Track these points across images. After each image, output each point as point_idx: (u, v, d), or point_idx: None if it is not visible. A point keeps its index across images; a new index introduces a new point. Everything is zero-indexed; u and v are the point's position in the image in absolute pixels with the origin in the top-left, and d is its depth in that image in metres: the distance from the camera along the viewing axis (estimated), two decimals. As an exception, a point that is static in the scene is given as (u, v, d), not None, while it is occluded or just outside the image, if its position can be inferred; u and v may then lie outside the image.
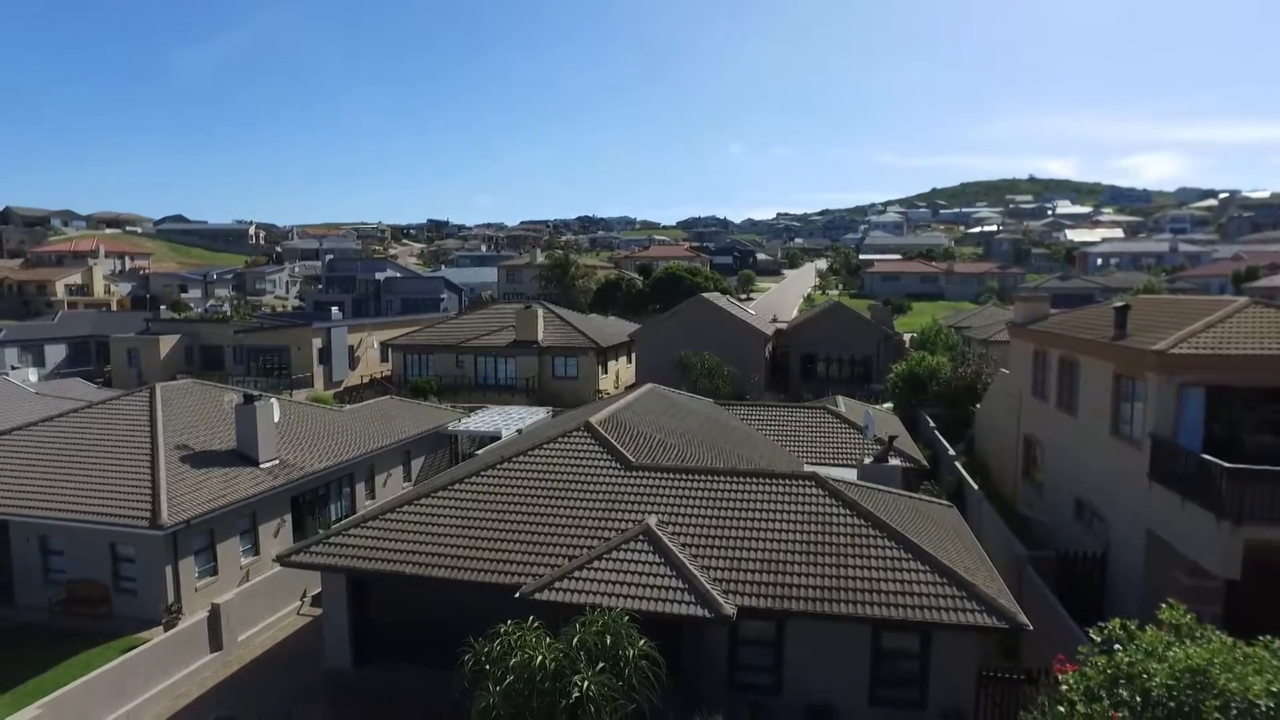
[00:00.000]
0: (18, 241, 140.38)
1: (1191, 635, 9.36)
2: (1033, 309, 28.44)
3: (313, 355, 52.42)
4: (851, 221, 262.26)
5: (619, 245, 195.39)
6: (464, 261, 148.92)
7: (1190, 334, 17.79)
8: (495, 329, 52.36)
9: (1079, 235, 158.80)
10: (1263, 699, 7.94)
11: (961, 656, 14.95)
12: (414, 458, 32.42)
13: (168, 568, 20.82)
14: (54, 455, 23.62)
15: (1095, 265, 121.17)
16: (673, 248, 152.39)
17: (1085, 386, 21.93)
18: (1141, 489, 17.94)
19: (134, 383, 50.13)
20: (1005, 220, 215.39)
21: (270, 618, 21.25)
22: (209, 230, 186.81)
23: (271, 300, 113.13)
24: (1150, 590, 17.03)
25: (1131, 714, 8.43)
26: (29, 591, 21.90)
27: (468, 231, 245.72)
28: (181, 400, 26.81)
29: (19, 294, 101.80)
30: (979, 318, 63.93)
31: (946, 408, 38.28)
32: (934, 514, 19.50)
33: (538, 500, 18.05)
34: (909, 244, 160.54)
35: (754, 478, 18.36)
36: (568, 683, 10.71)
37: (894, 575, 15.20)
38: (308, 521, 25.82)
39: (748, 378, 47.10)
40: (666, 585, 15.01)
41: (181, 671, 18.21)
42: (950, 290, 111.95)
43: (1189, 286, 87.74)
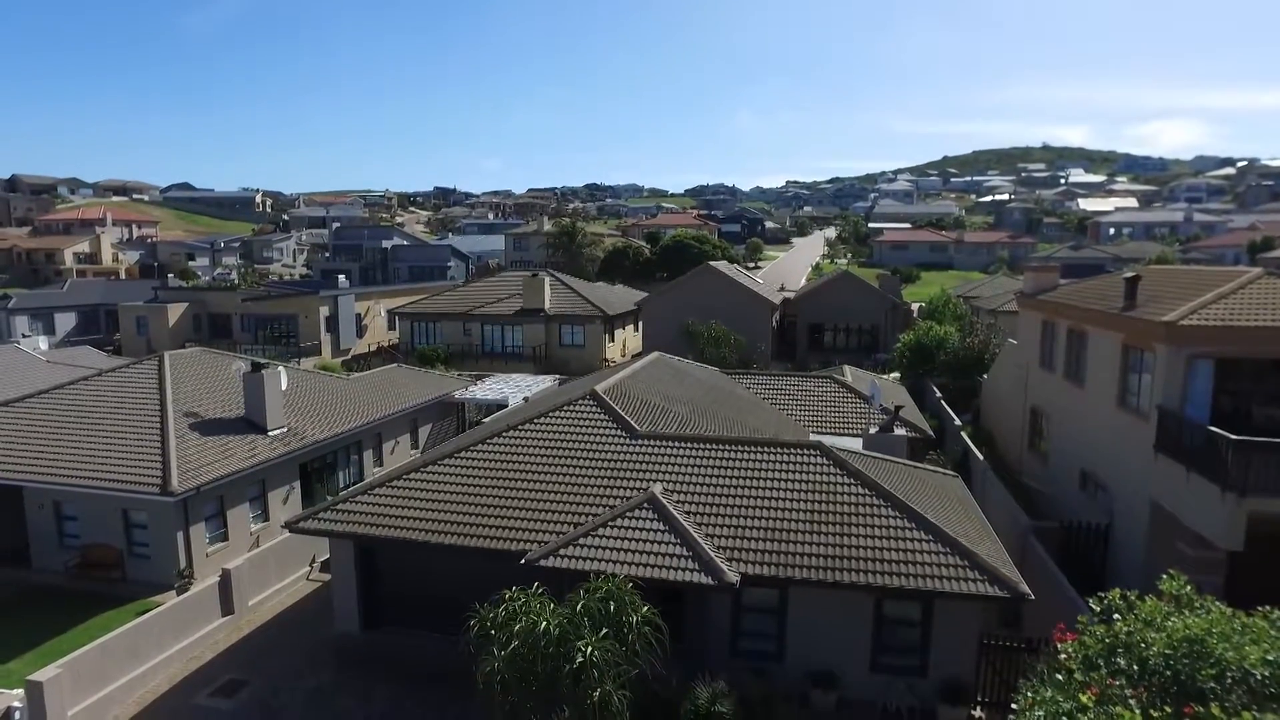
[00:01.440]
0: (25, 209, 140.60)
1: (1191, 606, 9.40)
2: (1042, 279, 28.19)
3: (320, 323, 52.54)
4: (861, 190, 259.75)
5: (627, 213, 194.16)
6: (471, 229, 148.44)
7: (1201, 305, 17.62)
8: (502, 297, 52.32)
9: (1092, 204, 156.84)
10: (1258, 668, 7.98)
11: (963, 625, 15.09)
12: (421, 425, 32.62)
13: (179, 533, 21.12)
14: (65, 422, 23.86)
15: (1108, 235, 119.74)
16: (680, 216, 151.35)
17: (1093, 358, 21.81)
18: (1147, 461, 17.92)
19: (143, 351, 50.43)
20: (1017, 189, 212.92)
21: (280, 583, 21.57)
22: (215, 198, 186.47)
23: (279, 268, 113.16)
24: (1153, 561, 17.09)
25: (1128, 682, 8.50)
26: (45, 555, 22.28)
27: (475, 199, 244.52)
28: (190, 368, 26.97)
29: (28, 262, 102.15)
30: (988, 287, 63.46)
31: (953, 378, 38.17)
32: (939, 484, 19.55)
33: (543, 468, 18.17)
34: (919, 213, 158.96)
35: (759, 446, 18.41)
36: (571, 648, 10.85)
37: (897, 544, 15.29)
38: (316, 488, 26.09)
39: (755, 347, 47.01)
40: (671, 553, 15.14)
41: (194, 635, 18.55)
42: (960, 260, 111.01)
43: (1202, 257, 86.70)
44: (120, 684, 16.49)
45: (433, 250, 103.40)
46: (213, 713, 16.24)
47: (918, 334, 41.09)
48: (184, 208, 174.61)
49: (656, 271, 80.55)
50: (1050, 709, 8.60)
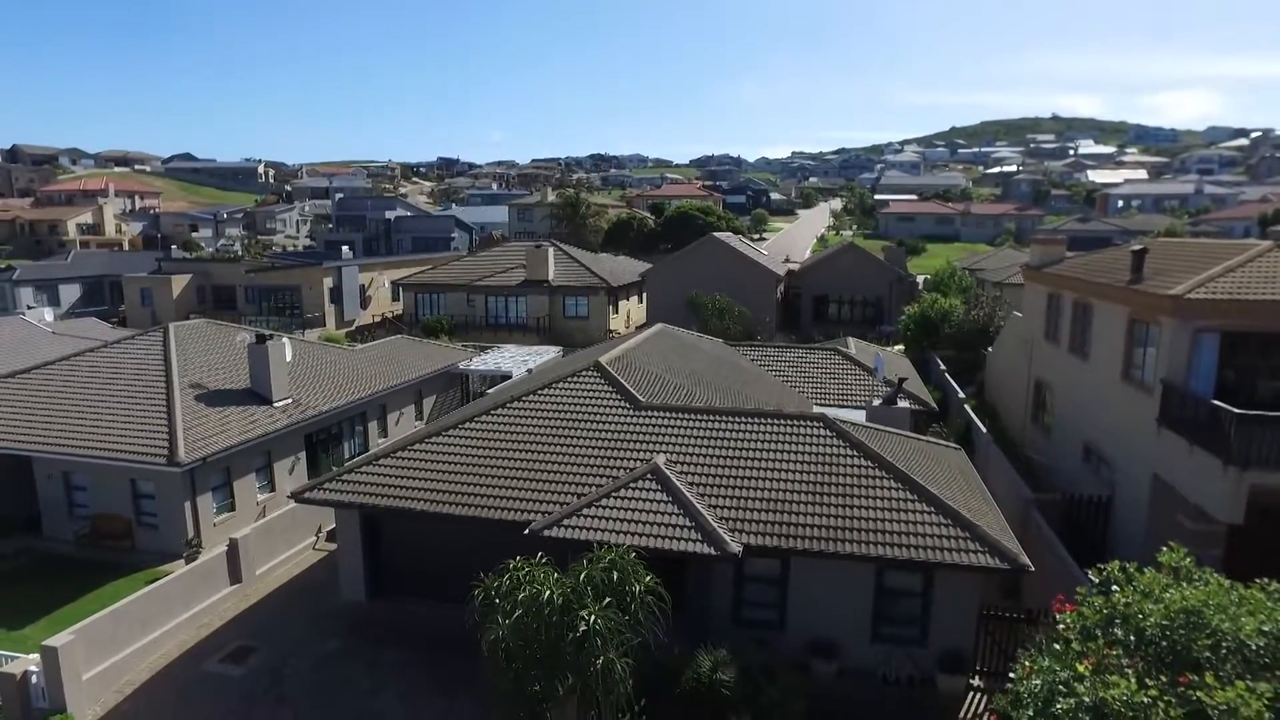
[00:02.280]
0: (27, 180, 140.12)
1: (1190, 578, 9.46)
2: (1049, 251, 27.99)
3: (324, 294, 52.56)
4: (867, 161, 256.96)
5: (631, 184, 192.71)
6: (475, 200, 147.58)
7: (1209, 278, 17.49)
8: (506, 268, 52.19)
9: (1101, 176, 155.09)
10: (1254, 639, 8.06)
11: (963, 596, 15.22)
12: (425, 396, 32.75)
13: (186, 503, 21.33)
14: (73, 393, 24.00)
15: (1116, 207, 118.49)
16: (685, 186, 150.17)
17: (1098, 331, 21.73)
18: (1150, 434, 17.93)
19: (148, 322, 50.55)
20: (1025, 160, 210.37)
21: (287, 552, 21.82)
22: (218, 169, 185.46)
23: (282, 239, 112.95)
24: (1153, 534, 17.17)
25: (1125, 652, 8.59)
26: (56, 524, 22.54)
27: (478, 169, 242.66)
28: (195, 340, 27.05)
29: (31, 233, 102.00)
30: (994, 260, 63.09)
31: (958, 351, 38.10)
32: (941, 456, 19.60)
33: (547, 439, 18.26)
34: (926, 184, 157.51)
35: (762, 418, 18.46)
36: (575, 617, 10.98)
37: (899, 516, 15.38)
38: (322, 459, 26.28)
39: (759, 318, 46.92)
40: (674, 523, 15.26)
41: (203, 603, 18.82)
42: (966, 232, 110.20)
43: (1212, 230, 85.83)
44: (132, 650, 16.78)
45: (436, 221, 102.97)
46: (223, 679, 16.52)
47: (922, 306, 40.96)
48: (186, 178, 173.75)
49: (661, 243, 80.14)
50: (1047, 678, 8.71)
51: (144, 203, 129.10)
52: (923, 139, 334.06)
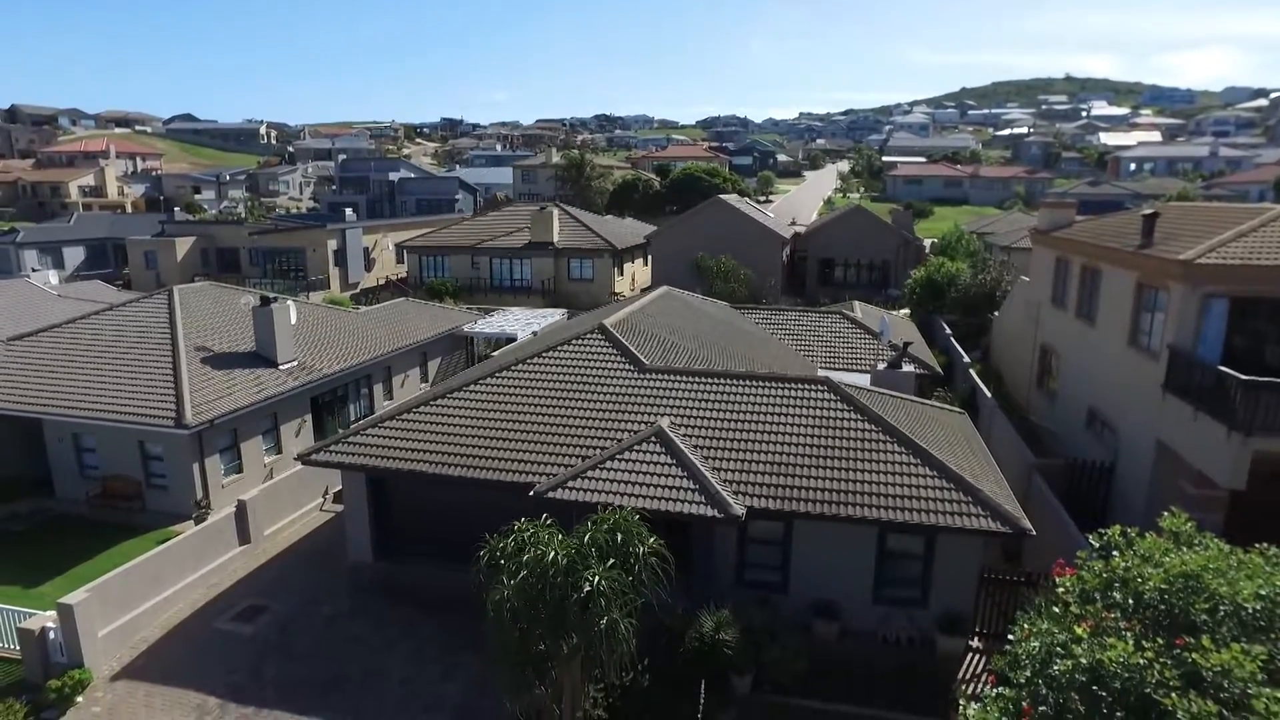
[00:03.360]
0: (27, 141, 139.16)
1: (1190, 543, 9.50)
2: (1058, 215, 27.67)
3: (328, 257, 52.38)
4: (876, 122, 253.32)
5: (636, 145, 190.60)
6: (479, 161, 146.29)
7: (1220, 243, 17.28)
8: (511, 230, 51.91)
9: (1114, 138, 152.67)
10: (1251, 602, 8.11)
11: (964, 559, 15.35)
12: (430, 359, 32.82)
13: (195, 465, 21.53)
14: (80, 356, 24.10)
15: (1128, 170, 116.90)
16: (691, 148, 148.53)
17: (1106, 296, 21.57)
18: (1155, 400, 17.90)
19: (153, 285, 50.52)
20: (1037, 122, 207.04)
21: (294, 514, 22.07)
22: (219, 130, 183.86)
23: (285, 201, 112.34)
24: (1155, 499, 17.24)
25: (1123, 615, 8.66)
26: (67, 486, 22.80)
27: (482, 130, 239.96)
28: (199, 303, 27.06)
29: (33, 195, 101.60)
30: (1002, 224, 62.45)
31: (964, 315, 37.93)
32: (945, 420, 19.63)
33: (552, 401, 18.32)
34: (934, 146, 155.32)
35: (767, 381, 18.48)
36: (579, 577, 11.10)
37: (902, 479, 15.46)
38: (327, 421, 26.44)
39: (764, 281, 46.72)
40: (678, 485, 15.37)
41: (213, 563, 19.09)
42: (975, 195, 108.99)
43: (1225, 194, 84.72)
44: (145, 608, 17.08)
45: (440, 183, 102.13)
46: (234, 637, 16.83)
47: (929, 270, 40.67)
48: (187, 139, 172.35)
49: (666, 204, 79.53)
50: (1045, 640, 8.80)
51: (145, 164, 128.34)
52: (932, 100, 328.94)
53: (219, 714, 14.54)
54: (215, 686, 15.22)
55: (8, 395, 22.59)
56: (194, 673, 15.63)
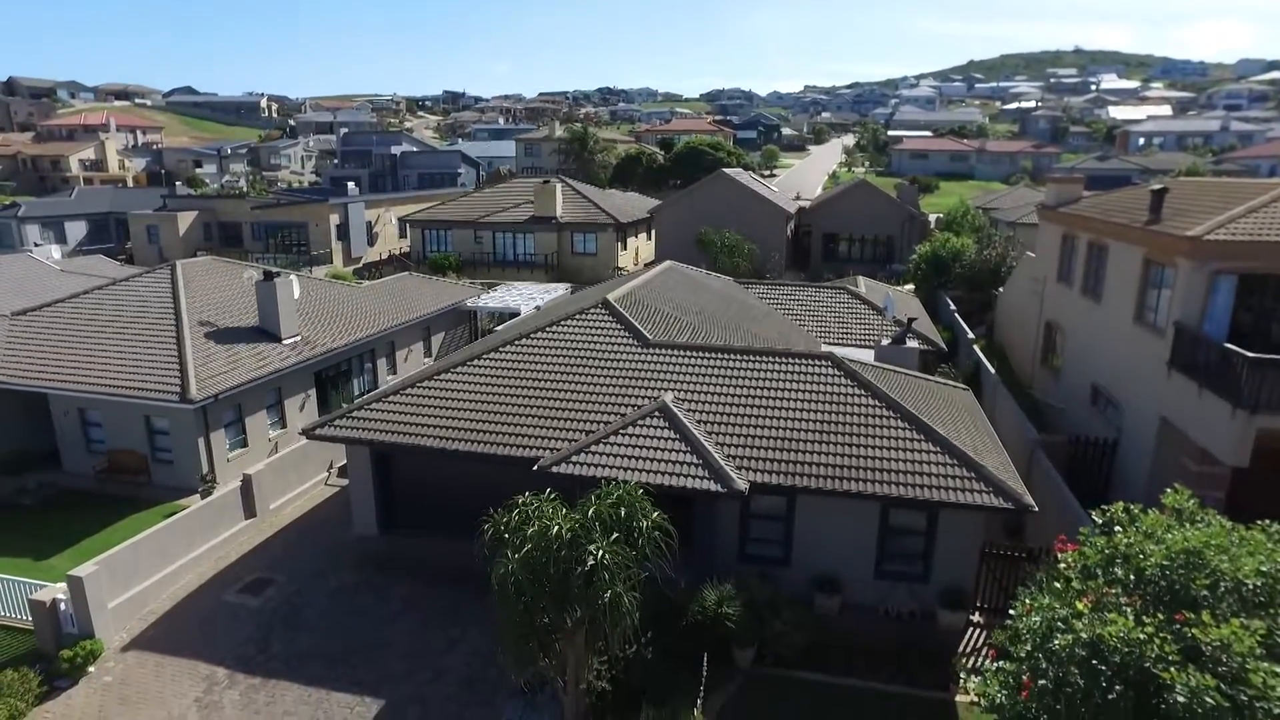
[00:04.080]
0: (26, 114, 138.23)
1: (1192, 519, 9.52)
2: (1065, 190, 27.43)
3: (331, 231, 52.22)
4: (882, 96, 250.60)
5: (640, 118, 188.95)
6: (481, 135, 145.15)
7: (1229, 219, 17.11)
8: (513, 204, 51.62)
9: (1123, 112, 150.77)
10: (1252, 579, 8.14)
11: (966, 535, 15.41)
12: (434, 334, 32.82)
13: (200, 440, 21.63)
14: (85, 331, 24.13)
15: (1137, 145, 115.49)
16: (695, 121, 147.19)
17: (1113, 272, 21.44)
18: (1160, 377, 17.85)
19: (155, 260, 50.47)
20: (1045, 96, 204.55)
21: (299, 488, 22.20)
22: (220, 103, 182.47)
23: (287, 175, 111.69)
24: (1157, 476, 17.26)
25: (1124, 591, 8.70)
26: (74, 459, 22.95)
27: (484, 103, 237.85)
28: (202, 277, 27.02)
29: (34, 169, 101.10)
30: (1008, 199, 61.93)
31: (969, 291, 37.78)
32: (948, 396, 19.62)
33: (556, 376, 18.34)
34: (941, 120, 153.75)
35: (770, 356, 18.46)
36: (583, 551, 11.18)
37: (905, 455, 15.48)
38: (331, 396, 26.51)
39: (768, 256, 46.52)
40: (681, 460, 15.42)
41: (219, 536, 19.25)
42: (981, 170, 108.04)
43: (1236, 168, 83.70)
44: (154, 580, 17.26)
45: (443, 156, 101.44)
46: (241, 609, 17.02)
47: (934, 245, 40.44)
48: (188, 113, 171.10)
49: (670, 178, 78.98)
50: (1046, 615, 8.86)
51: (146, 138, 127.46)
52: (939, 73, 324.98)
53: (227, 684, 14.74)
54: (223, 657, 15.43)
55: (13, 370, 22.66)
56: (202, 644, 15.83)
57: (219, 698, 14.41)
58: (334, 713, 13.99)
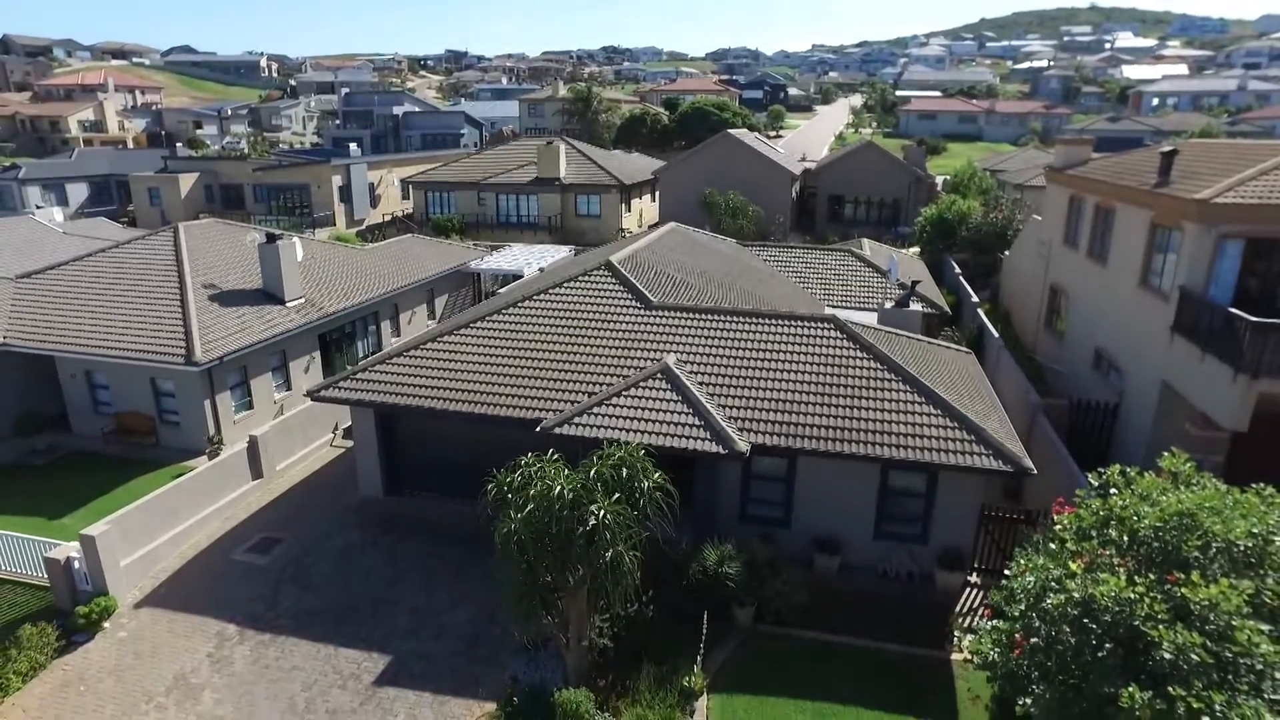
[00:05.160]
0: (22, 73, 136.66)
1: (1188, 483, 9.61)
2: (1073, 152, 27.09)
3: (333, 193, 51.89)
4: (891, 55, 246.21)
5: (645, 78, 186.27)
6: (484, 95, 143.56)
7: (1238, 182, 16.91)
8: (517, 165, 51.23)
9: (1137, 72, 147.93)
10: (1243, 540, 8.26)
11: (965, 497, 15.56)
12: (437, 296, 32.83)
13: (206, 402, 21.81)
14: (89, 294, 24.18)
15: (1150, 106, 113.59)
16: (700, 81, 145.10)
17: (1119, 235, 21.28)
18: (1162, 341, 17.82)
19: (157, 222, 50.35)
20: (1058, 55, 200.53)
21: (305, 449, 22.42)
22: (219, 62, 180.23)
23: (288, 136, 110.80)
24: (1157, 440, 17.33)
25: (1117, 552, 8.84)
26: (82, 422, 23.18)
27: (488, 63, 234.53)
28: (205, 240, 26.98)
29: (32, 130, 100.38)
30: (1017, 161, 61.23)
31: (974, 254, 37.54)
32: (951, 360, 19.64)
33: (559, 338, 18.40)
34: (950, 80, 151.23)
35: (773, 319, 18.47)
36: (585, 511, 11.33)
37: (905, 417, 15.57)
38: (336, 358, 26.64)
39: (773, 218, 46.22)
40: (683, 422, 15.53)
41: (227, 497, 19.51)
42: (990, 131, 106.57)
43: (1252, 130, 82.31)
44: (164, 540, 17.55)
45: (445, 117, 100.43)
46: (250, 567, 17.33)
47: (940, 208, 40.08)
48: (187, 72, 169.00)
49: (675, 139, 78.19)
50: (1040, 575, 9.01)
51: (145, 98, 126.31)
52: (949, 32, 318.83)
53: (238, 640, 15.08)
54: (234, 614, 15.75)
55: (20, 332, 22.78)
56: (213, 601, 16.15)
57: (230, 653, 14.76)
58: (342, 668, 14.33)
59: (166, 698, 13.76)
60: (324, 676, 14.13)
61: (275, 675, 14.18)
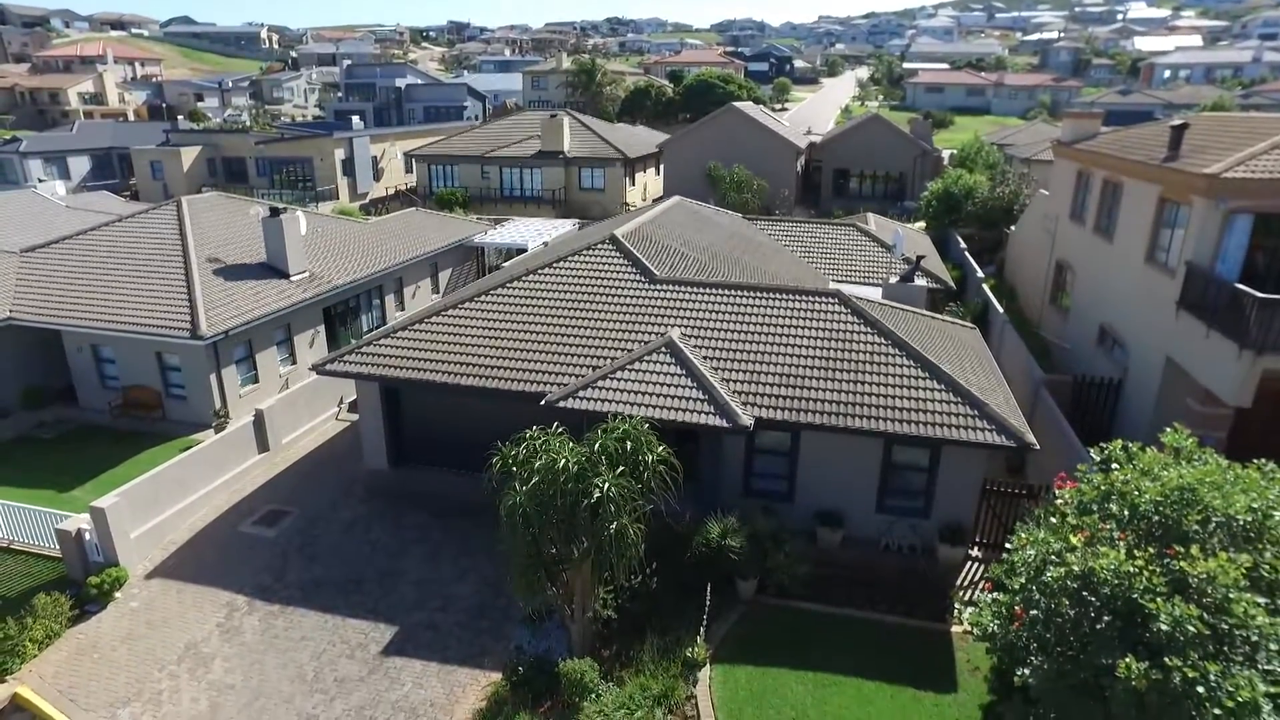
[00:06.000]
0: (20, 44, 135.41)
1: (1190, 458, 9.65)
2: (1082, 126, 26.83)
3: (336, 166, 51.62)
4: (898, 26, 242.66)
5: (649, 50, 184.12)
6: (487, 67, 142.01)
7: (1249, 156, 16.74)
8: (520, 139, 50.88)
9: (1150, 43, 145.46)
10: (1243, 515, 8.32)
11: (968, 471, 15.63)
12: (441, 270, 32.81)
13: (212, 376, 21.91)
14: (94, 268, 24.20)
15: (1162, 78, 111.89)
16: (705, 52, 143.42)
17: (1126, 210, 21.13)
18: (1168, 317, 17.77)
19: (160, 196, 50.17)
20: (1069, 26, 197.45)
21: (310, 422, 22.55)
22: (219, 33, 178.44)
23: (290, 109, 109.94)
24: (1160, 416, 17.34)
25: (1118, 526, 8.90)
26: (89, 395, 23.32)
27: (490, 34, 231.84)
28: (209, 213, 26.93)
29: (32, 102, 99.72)
30: (1024, 135, 60.52)
31: (980, 229, 37.34)
32: (955, 335, 19.62)
33: (563, 312, 18.42)
34: (959, 52, 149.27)
35: (778, 293, 18.45)
36: (590, 484, 11.42)
37: (909, 392, 15.60)
38: (340, 332, 26.70)
39: (778, 192, 45.94)
40: (687, 396, 15.59)
41: (234, 470, 19.67)
42: (998, 104, 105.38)
43: (1265, 103, 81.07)
44: (173, 512, 17.74)
45: (448, 89, 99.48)
46: (258, 539, 17.52)
47: (946, 182, 39.77)
48: (186, 44, 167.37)
49: (679, 112, 77.55)
50: (1040, 548, 9.09)
51: (145, 70, 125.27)
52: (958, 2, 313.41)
53: (247, 610, 15.30)
54: (242, 585, 15.97)
55: (27, 307, 22.83)
56: (222, 572, 16.37)
57: (239, 623, 14.98)
58: (350, 638, 14.54)
59: (179, 666, 14.00)
60: (332, 646, 14.35)
61: (284, 645, 14.41)
